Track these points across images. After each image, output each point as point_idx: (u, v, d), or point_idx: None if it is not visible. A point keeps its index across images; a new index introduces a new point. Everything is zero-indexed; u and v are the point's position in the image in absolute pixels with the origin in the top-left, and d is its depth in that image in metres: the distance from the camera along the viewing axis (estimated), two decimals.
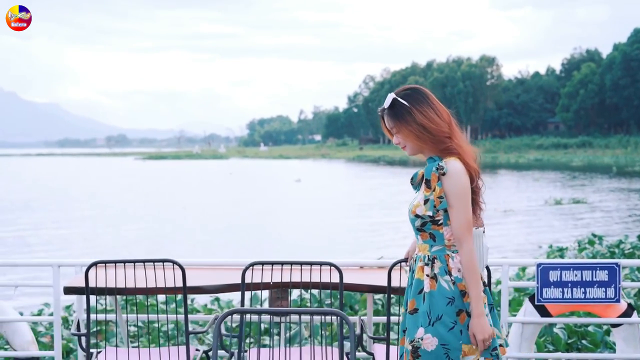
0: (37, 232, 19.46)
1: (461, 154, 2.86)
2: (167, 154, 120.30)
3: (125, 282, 3.65)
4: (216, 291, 3.85)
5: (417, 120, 2.84)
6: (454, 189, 2.80)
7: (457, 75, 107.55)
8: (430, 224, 2.88)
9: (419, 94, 2.90)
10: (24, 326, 4.73)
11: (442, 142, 2.86)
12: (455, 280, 2.83)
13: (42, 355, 4.77)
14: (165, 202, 28.76)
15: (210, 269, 4.32)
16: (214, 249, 15.50)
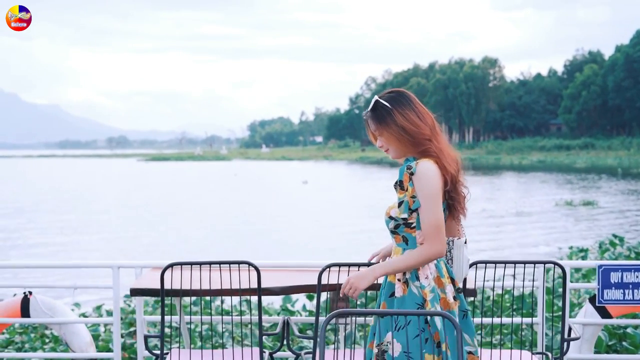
0: (53, 236, 19.42)
1: (440, 158, 2.85)
2: (169, 156, 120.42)
3: (191, 283, 3.66)
4: (287, 293, 3.86)
5: (398, 122, 2.84)
6: (423, 189, 2.79)
7: (460, 76, 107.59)
8: (403, 227, 2.88)
9: (401, 96, 2.90)
10: (82, 328, 4.75)
11: (422, 144, 2.86)
12: (421, 287, 2.82)
13: (100, 357, 4.78)
14: (178, 204, 28.72)
15: (279, 270, 4.33)
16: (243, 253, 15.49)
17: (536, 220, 20.81)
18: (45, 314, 4.63)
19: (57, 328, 4.78)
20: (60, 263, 4.55)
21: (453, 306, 2.83)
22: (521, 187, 34.92)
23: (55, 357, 4.73)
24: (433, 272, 2.84)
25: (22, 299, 4.66)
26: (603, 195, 29.00)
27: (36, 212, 25.99)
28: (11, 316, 4.69)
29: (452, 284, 2.91)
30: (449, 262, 2.97)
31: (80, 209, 26.49)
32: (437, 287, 2.84)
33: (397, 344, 2.79)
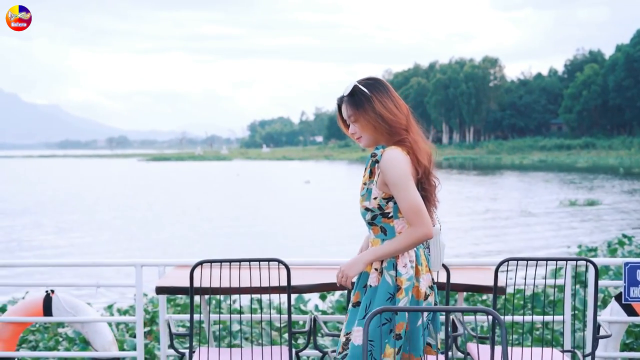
0: (62, 237, 19.35)
1: (414, 149, 2.82)
2: (170, 156, 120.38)
3: (220, 281, 3.64)
4: (316, 290, 3.85)
5: (376, 109, 2.81)
6: (392, 176, 2.75)
7: (460, 76, 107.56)
8: (380, 217, 2.84)
9: (380, 84, 2.88)
10: (104, 326, 4.73)
11: (398, 134, 2.82)
12: (397, 275, 2.79)
13: (123, 356, 4.76)
14: (186, 204, 28.61)
15: (308, 268, 4.31)
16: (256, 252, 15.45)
17: (542, 220, 20.79)
18: (68, 312, 4.61)
19: (79, 327, 4.76)
20: (83, 261, 4.53)
21: (423, 296, 2.79)
22: (524, 187, 34.88)
23: (78, 356, 4.70)
24: (413, 260, 2.81)
25: (45, 298, 4.63)
26: (606, 195, 28.98)
27: (42, 212, 25.91)
28: (34, 315, 4.67)
29: (430, 274, 2.89)
30: (426, 249, 2.95)
31: (87, 210, 26.42)
32: (415, 275, 2.81)
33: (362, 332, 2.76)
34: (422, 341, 2.78)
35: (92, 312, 4.74)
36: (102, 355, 4.59)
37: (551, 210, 23.30)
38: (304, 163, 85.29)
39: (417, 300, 2.78)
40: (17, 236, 19.03)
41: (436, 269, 2.97)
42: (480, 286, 3.75)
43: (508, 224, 19.78)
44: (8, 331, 4.69)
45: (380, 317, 2.70)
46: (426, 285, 2.83)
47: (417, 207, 2.74)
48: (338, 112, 2.96)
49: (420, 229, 2.74)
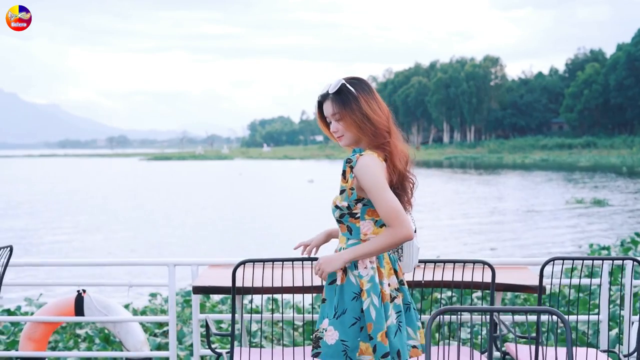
0: (73, 236, 19.28)
1: (392, 154, 2.83)
2: (171, 155, 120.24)
3: (262, 280, 3.61)
4: None
5: (363, 109, 2.80)
6: (368, 181, 2.75)
7: (461, 75, 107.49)
8: (348, 217, 2.85)
9: (365, 84, 2.87)
10: (136, 326, 4.71)
11: (382, 136, 2.83)
12: (359, 276, 2.79)
13: (156, 356, 4.73)
14: (194, 203, 28.55)
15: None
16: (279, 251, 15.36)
17: (549, 219, 20.76)
18: (100, 312, 4.59)
19: (111, 326, 4.74)
20: (116, 261, 4.49)
21: (388, 298, 2.79)
22: (529, 186, 34.85)
23: (110, 356, 4.68)
24: (374, 262, 2.81)
25: (76, 297, 4.62)
26: (612, 194, 28.96)
27: (51, 212, 25.84)
28: (65, 314, 4.65)
29: (396, 276, 2.88)
30: (398, 251, 2.95)
31: (97, 210, 26.32)
32: (378, 277, 2.81)
33: (334, 332, 2.77)
34: (394, 345, 2.77)
35: (123, 312, 4.72)
36: (135, 355, 4.57)
37: (558, 210, 23.28)
38: (305, 162, 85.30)
39: (386, 303, 2.78)
40: (31, 236, 18.92)
41: (408, 271, 2.97)
42: (522, 286, 3.73)
43: (515, 224, 19.75)
44: (39, 331, 4.67)
45: (349, 317, 2.75)
46: (391, 288, 2.83)
47: (396, 209, 2.74)
48: (318, 108, 2.94)
49: (401, 231, 2.73)
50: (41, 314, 4.71)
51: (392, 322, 2.78)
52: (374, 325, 2.74)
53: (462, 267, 3.55)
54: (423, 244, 16.06)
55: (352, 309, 2.77)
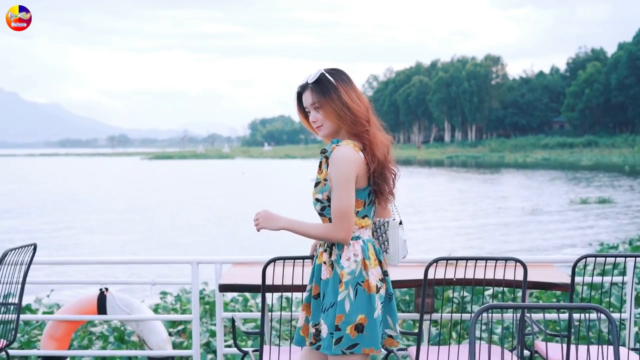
0: (84, 236, 19.19)
1: (371, 142, 2.83)
2: (172, 154, 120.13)
3: (292, 278, 3.58)
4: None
5: (343, 98, 2.81)
6: (334, 174, 2.78)
7: (462, 74, 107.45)
8: (329, 209, 2.86)
9: (345, 75, 2.90)
10: (159, 325, 4.69)
11: (362, 125, 2.83)
12: (341, 267, 2.82)
13: (178, 355, 4.72)
14: (203, 202, 28.43)
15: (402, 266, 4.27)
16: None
17: (555, 218, 20.72)
18: (123, 310, 4.57)
19: (133, 325, 4.72)
20: (139, 259, 4.47)
21: (374, 289, 2.80)
22: (532, 185, 34.79)
23: (133, 354, 4.66)
24: (359, 254, 2.82)
25: (99, 296, 4.60)
26: (616, 193, 28.93)
27: (59, 211, 25.74)
28: (88, 313, 4.63)
29: (380, 267, 2.89)
30: (384, 243, 2.97)
31: (105, 209, 26.18)
32: (363, 269, 2.81)
33: (324, 325, 2.82)
34: (381, 334, 2.81)
35: (146, 310, 4.70)
36: (158, 354, 4.55)
37: (563, 209, 23.24)
38: (307, 161, 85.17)
39: (369, 294, 2.79)
40: (46, 236, 18.83)
41: (394, 263, 2.99)
42: (552, 283, 3.71)
43: (522, 223, 19.73)
44: (61, 329, 4.65)
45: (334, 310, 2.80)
46: (376, 279, 2.84)
47: (345, 210, 2.76)
48: (297, 99, 2.96)
49: (337, 232, 2.78)
50: (63, 312, 4.69)
51: (379, 313, 2.80)
52: (345, 317, 2.76)
53: (484, 264, 3.52)
54: (434, 242, 16.00)
55: (337, 304, 2.80)
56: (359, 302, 2.77)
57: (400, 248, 2.95)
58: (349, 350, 2.76)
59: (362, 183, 2.83)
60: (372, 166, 2.81)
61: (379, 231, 2.99)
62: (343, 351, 2.76)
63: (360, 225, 2.85)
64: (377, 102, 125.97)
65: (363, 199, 2.85)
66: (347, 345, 2.76)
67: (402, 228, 2.96)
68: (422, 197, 28.06)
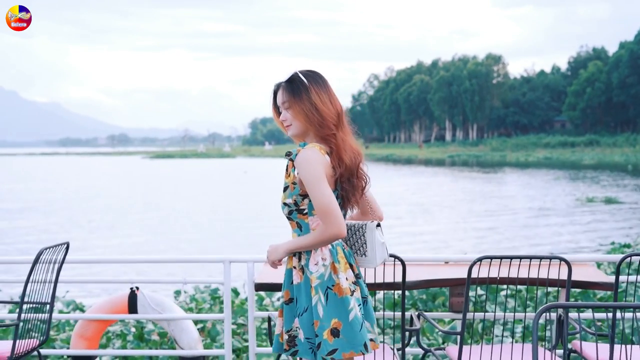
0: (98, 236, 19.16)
1: (339, 147, 2.83)
2: (173, 153, 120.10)
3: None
4: (432, 286, 3.78)
5: (312, 98, 2.83)
6: (305, 176, 2.77)
7: (463, 73, 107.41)
8: (296, 213, 2.87)
9: (319, 77, 2.91)
10: (190, 324, 4.66)
11: (329, 128, 2.83)
12: (310, 273, 2.82)
13: (210, 354, 4.69)
14: (208, 202, 28.35)
15: (421, 264, 4.25)
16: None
17: (563, 217, 20.69)
18: (154, 309, 4.54)
19: (165, 324, 4.69)
20: (170, 258, 4.44)
21: (347, 292, 2.78)
22: (537, 185, 34.73)
23: (164, 354, 4.62)
24: (327, 258, 2.82)
25: (130, 295, 4.57)
26: (621, 192, 28.91)
27: (69, 211, 25.70)
28: (119, 312, 4.61)
29: (352, 270, 2.87)
30: (362, 246, 2.94)
31: (113, 208, 26.11)
32: (333, 273, 2.81)
33: (301, 330, 2.83)
34: (360, 337, 2.78)
35: (177, 310, 4.67)
36: (189, 353, 4.52)
37: (570, 208, 23.23)
38: None
39: (341, 298, 2.77)
40: (62, 237, 18.79)
41: (373, 266, 2.96)
42: (595, 282, 3.67)
43: (532, 222, 19.70)
44: (92, 329, 4.62)
45: (309, 315, 2.80)
46: (349, 282, 2.82)
47: (327, 207, 2.74)
48: (273, 98, 2.99)
49: (330, 229, 2.74)
50: (94, 311, 4.66)
51: (356, 314, 2.78)
52: (320, 323, 2.75)
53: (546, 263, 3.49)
54: (448, 242, 15.94)
55: (311, 308, 2.81)
56: (331, 307, 2.77)
57: (379, 251, 2.92)
58: (329, 356, 2.75)
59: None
60: (338, 170, 2.81)
61: (356, 235, 2.96)
62: (324, 357, 2.75)
63: None
64: (378, 101, 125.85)
65: None
66: (326, 351, 2.75)
67: (380, 230, 2.94)
68: (432, 196, 27.99)
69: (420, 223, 20.07)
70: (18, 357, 3.88)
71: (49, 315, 4.09)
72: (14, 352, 3.83)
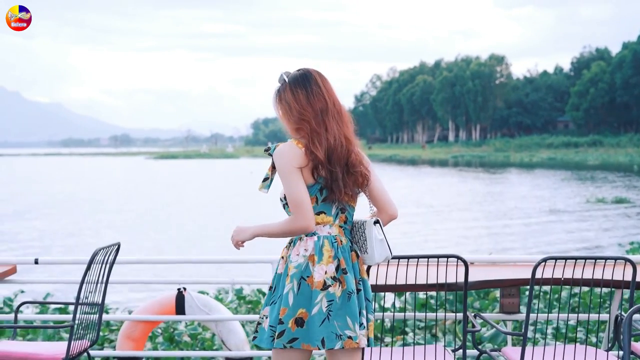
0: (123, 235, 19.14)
1: (312, 139, 2.87)
2: (177, 154, 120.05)
3: (396, 278, 3.55)
4: (493, 286, 3.77)
5: (287, 98, 2.94)
6: (278, 169, 2.91)
7: (466, 74, 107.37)
8: (286, 206, 2.97)
9: (302, 75, 2.97)
10: (237, 325, 4.64)
11: (298, 123, 2.92)
12: (290, 261, 2.89)
13: (257, 355, 4.67)
14: (219, 203, 28.31)
15: (483, 265, 4.23)
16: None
17: (576, 217, 20.67)
18: (201, 310, 4.52)
19: (212, 325, 4.68)
20: (217, 258, 4.43)
21: (319, 285, 2.81)
22: (544, 185, 34.71)
23: (210, 355, 4.61)
24: (309, 250, 2.88)
25: (177, 296, 4.55)
26: (631, 192, 28.87)
27: (79, 211, 25.66)
28: (166, 313, 4.59)
29: (339, 264, 2.87)
30: (364, 243, 2.96)
31: (125, 209, 26.03)
32: (310, 264, 2.85)
33: (267, 319, 2.89)
34: (319, 333, 2.79)
35: (225, 311, 4.66)
36: (237, 354, 4.50)
37: (580, 208, 23.19)
38: None
39: (312, 290, 2.82)
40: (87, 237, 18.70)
41: (371, 263, 2.97)
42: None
43: (542, 222, 19.67)
44: (138, 330, 4.61)
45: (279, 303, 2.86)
46: (326, 276, 2.83)
47: (296, 199, 2.84)
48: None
49: (298, 221, 2.84)
50: (141, 312, 4.65)
51: (321, 309, 2.80)
52: (288, 311, 2.80)
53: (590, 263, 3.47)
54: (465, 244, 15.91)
55: (283, 297, 2.85)
56: (302, 297, 2.81)
57: (377, 248, 2.92)
58: (290, 345, 2.79)
59: (308, 179, 2.89)
60: (310, 161, 2.87)
61: (358, 232, 2.98)
62: (284, 345, 2.79)
63: (316, 221, 2.90)
64: (380, 102, 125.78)
65: (314, 195, 2.90)
66: (288, 339, 2.80)
67: (378, 227, 2.94)
68: (443, 198, 27.92)
69: (433, 222, 20.10)
70: (71, 358, 3.87)
71: (99, 316, 4.08)
72: (69, 353, 3.81)
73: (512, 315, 4.32)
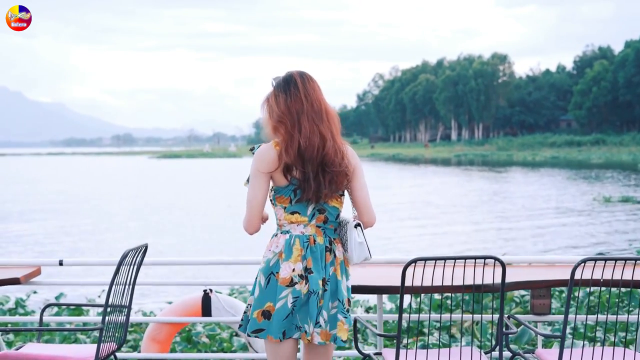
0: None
1: (285, 141, 2.96)
2: (180, 153, 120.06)
3: (432, 280, 3.49)
4: (530, 287, 3.73)
5: (269, 102, 3.06)
6: (250, 170, 3.04)
7: (469, 73, 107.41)
8: (271, 204, 3.09)
9: (285, 80, 3.05)
10: None
11: (274, 126, 3.03)
12: (264, 257, 3.03)
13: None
14: (229, 203, 28.34)
15: (519, 266, 4.19)
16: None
17: (584, 217, 20.62)
18: (228, 312, 4.48)
19: (237, 327, 4.63)
20: (244, 259, 4.38)
21: (285, 282, 2.91)
22: (550, 184, 34.65)
23: (238, 357, 4.57)
24: (279, 247, 2.99)
25: (203, 297, 4.51)
26: (636, 191, 28.81)
27: (88, 211, 25.65)
28: (192, 314, 4.55)
29: (307, 264, 2.95)
30: (346, 242, 3.04)
31: (136, 209, 25.96)
32: (280, 260, 2.96)
33: (250, 308, 3.02)
34: (281, 326, 2.91)
35: None
36: (263, 357, 4.45)
37: (589, 207, 23.14)
38: None
39: (278, 285, 2.93)
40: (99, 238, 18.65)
41: (352, 263, 3.05)
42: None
43: (552, 222, 19.63)
44: (164, 332, 4.57)
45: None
46: (293, 273, 2.92)
47: (249, 202, 3.01)
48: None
49: (243, 222, 3.05)
50: (167, 314, 4.61)
51: (286, 305, 2.92)
52: (254, 302, 2.96)
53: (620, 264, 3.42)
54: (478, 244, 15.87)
55: (258, 287, 3.00)
56: (270, 291, 2.93)
57: (356, 249, 2.99)
58: (254, 334, 2.96)
59: (281, 180, 2.99)
60: (282, 160, 2.95)
61: (342, 231, 3.07)
62: (249, 334, 2.98)
63: (289, 220, 3.00)
64: (383, 101, 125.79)
65: (288, 196, 2.99)
66: (252, 328, 2.96)
67: (358, 230, 3.00)
68: (451, 198, 27.87)
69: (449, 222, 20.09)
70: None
71: (126, 318, 4.03)
72: (98, 355, 3.77)
73: (543, 317, 4.27)
